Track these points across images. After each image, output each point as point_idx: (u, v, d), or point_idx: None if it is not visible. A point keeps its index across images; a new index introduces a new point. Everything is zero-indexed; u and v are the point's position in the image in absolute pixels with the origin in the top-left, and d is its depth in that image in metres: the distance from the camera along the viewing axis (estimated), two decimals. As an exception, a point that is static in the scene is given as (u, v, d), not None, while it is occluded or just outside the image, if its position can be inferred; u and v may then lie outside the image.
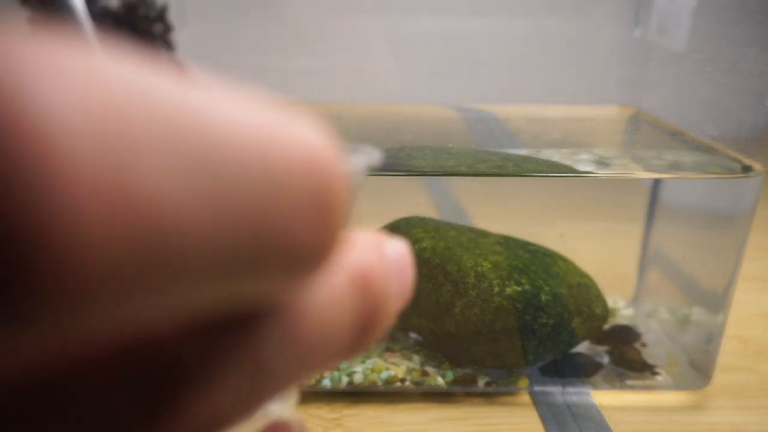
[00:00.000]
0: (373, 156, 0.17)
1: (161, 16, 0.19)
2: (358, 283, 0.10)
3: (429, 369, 0.39)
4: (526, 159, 0.38)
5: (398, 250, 0.12)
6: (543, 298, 0.36)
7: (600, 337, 0.42)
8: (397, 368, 0.39)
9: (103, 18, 0.18)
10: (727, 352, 0.43)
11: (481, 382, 0.39)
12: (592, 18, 0.37)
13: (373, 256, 0.11)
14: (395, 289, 0.12)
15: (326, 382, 0.38)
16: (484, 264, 0.37)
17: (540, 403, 0.38)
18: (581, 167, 0.37)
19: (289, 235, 0.08)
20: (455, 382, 0.38)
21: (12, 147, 0.06)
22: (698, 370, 0.40)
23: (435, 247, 0.38)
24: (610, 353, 0.41)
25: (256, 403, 0.10)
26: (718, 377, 0.40)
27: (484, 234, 0.40)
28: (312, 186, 0.08)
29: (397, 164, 0.37)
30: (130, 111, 0.07)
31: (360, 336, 0.11)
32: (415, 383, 0.38)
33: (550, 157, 0.38)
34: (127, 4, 0.18)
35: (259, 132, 0.08)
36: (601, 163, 0.38)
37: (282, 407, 0.16)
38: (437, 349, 0.40)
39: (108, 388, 0.08)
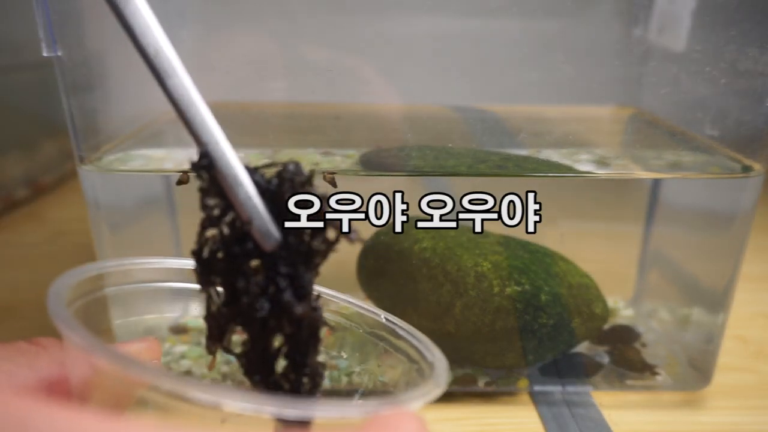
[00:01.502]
0: (441, 375, 0.21)
1: (310, 179, 0.21)
2: None
3: (429, 369, 0.39)
4: (526, 159, 0.38)
5: None
6: (543, 298, 0.36)
7: (600, 337, 0.42)
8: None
9: (263, 190, 0.20)
10: (727, 352, 0.43)
11: (481, 382, 0.39)
12: (592, 18, 0.37)
13: None
14: None
15: (326, 382, 0.38)
16: (484, 264, 0.37)
17: (540, 403, 0.38)
18: (581, 167, 0.37)
19: None
20: (455, 382, 0.38)
21: None
22: (698, 370, 0.40)
23: (435, 247, 0.38)
24: (610, 353, 0.41)
25: None
26: (718, 377, 0.40)
27: (484, 234, 0.40)
28: None
29: (397, 164, 0.37)
30: None
31: None
32: (415, 383, 0.38)
33: (550, 157, 0.38)
34: (281, 174, 0.20)
35: None
36: (601, 163, 0.38)
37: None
38: (437, 349, 0.40)
39: None
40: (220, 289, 0.21)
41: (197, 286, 0.23)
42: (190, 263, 0.27)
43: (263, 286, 0.20)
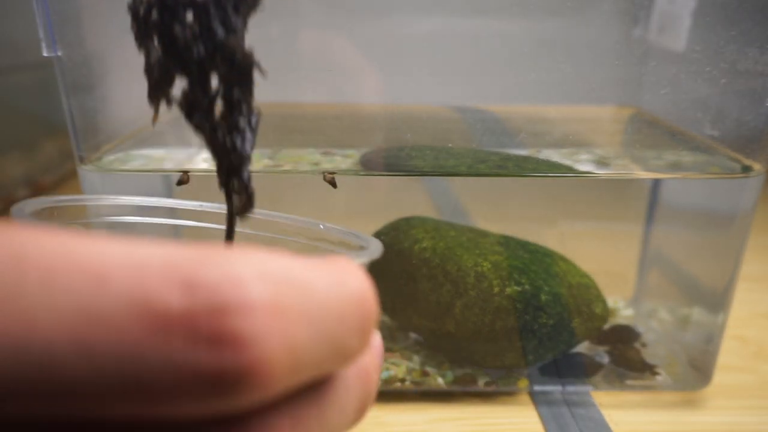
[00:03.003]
0: (376, 250, 0.23)
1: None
2: (362, 379, 0.17)
3: (429, 369, 0.39)
4: (526, 159, 0.38)
5: (379, 343, 0.19)
6: (543, 298, 0.36)
7: (600, 337, 0.42)
8: (396, 368, 0.39)
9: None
10: (727, 352, 0.43)
11: (481, 382, 0.39)
12: (592, 18, 0.37)
13: (373, 357, 0.17)
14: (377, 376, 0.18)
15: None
16: (484, 264, 0.37)
17: (540, 403, 0.38)
18: (581, 167, 0.37)
19: (349, 345, 0.14)
20: (455, 382, 0.38)
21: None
22: (698, 370, 0.40)
23: (435, 247, 0.38)
24: (610, 353, 0.41)
25: None
26: (718, 377, 0.40)
27: (484, 234, 0.40)
28: (361, 318, 0.15)
29: (397, 164, 0.37)
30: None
31: (359, 414, 0.17)
32: (415, 383, 0.38)
33: (550, 157, 0.38)
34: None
35: (336, 290, 0.14)
36: (601, 163, 0.38)
37: None
38: (437, 349, 0.40)
39: None
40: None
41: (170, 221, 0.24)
42: (156, 201, 0.28)
43: (198, 33, 0.22)
